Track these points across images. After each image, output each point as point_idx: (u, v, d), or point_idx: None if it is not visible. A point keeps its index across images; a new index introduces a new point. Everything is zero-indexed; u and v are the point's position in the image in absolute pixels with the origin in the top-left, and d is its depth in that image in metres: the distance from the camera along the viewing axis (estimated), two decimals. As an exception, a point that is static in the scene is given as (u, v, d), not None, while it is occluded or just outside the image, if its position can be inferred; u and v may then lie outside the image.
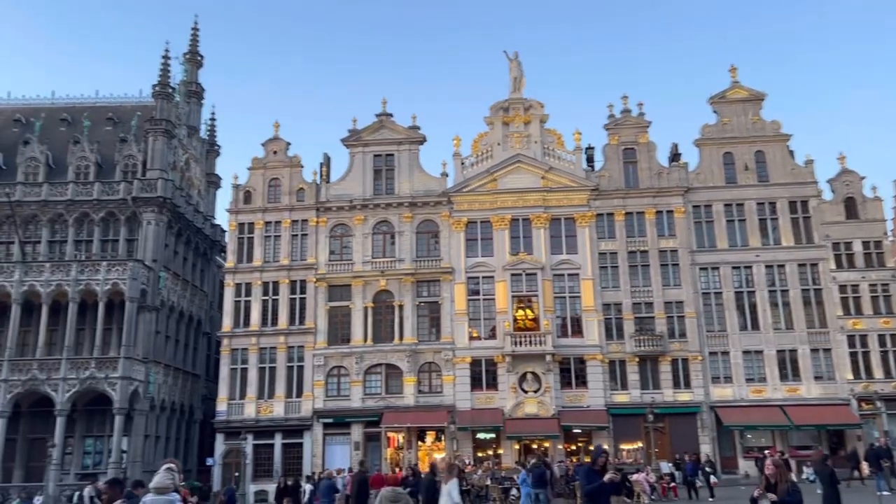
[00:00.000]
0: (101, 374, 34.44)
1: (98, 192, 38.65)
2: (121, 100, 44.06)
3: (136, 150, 39.95)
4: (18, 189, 38.50)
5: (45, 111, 43.22)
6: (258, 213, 39.19)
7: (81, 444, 36.20)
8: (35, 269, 36.00)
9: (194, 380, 43.20)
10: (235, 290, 38.41)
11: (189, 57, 46.16)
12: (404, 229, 38.35)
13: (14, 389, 34.20)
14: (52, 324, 35.99)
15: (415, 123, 40.19)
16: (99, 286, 35.52)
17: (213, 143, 49.54)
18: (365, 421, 35.91)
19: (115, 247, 38.67)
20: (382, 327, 37.36)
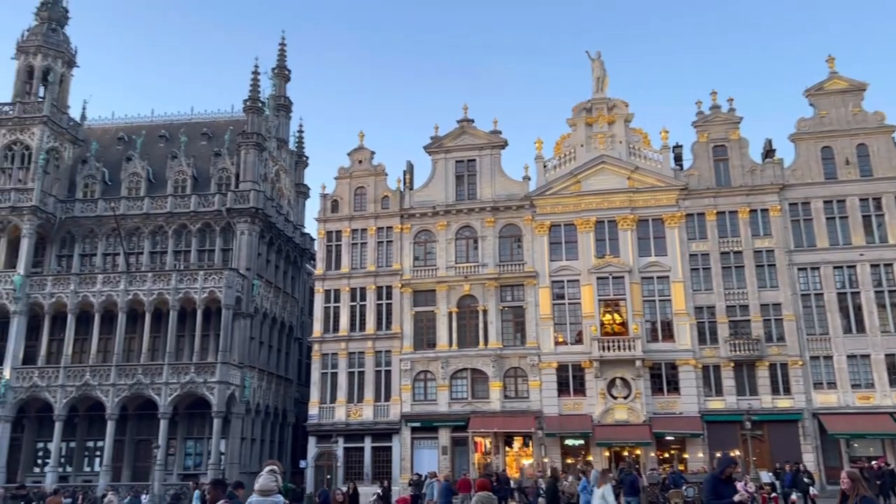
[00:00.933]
0: (199, 378, 35.99)
1: (195, 204, 40.48)
2: (214, 115, 46.04)
3: (230, 163, 41.62)
4: (122, 203, 40.79)
5: (146, 128, 45.66)
6: (345, 221, 40.07)
7: (183, 445, 37.91)
8: (138, 279, 38.03)
9: (287, 384, 44.54)
10: (325, 296, 39.37)
11: (277, 72, 47.79)
12: (487, 234, 38.34)
13: (121, 393, 36.20)
14: (154, 331, 37.92)
15: (496, 128, 40.17)
16: (197, 294, 37.17)
17: (302, 154, 51.05)
18: (452, 425, 36.03)
19: (212, 256, 40.39)
20: (467, 332, 37.44)
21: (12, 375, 36.81)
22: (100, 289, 37.89)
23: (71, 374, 36.88)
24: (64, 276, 38.77)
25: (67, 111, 43.06)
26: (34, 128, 40.50)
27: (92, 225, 41.01)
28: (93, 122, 46.23)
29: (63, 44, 43.40)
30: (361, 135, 41.61)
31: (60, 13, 44.05)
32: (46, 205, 39.78)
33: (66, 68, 43.44)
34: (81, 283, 38.23)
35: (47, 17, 43.30)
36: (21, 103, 40.97)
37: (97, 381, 36.49)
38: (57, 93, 42.22)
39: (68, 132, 42.55)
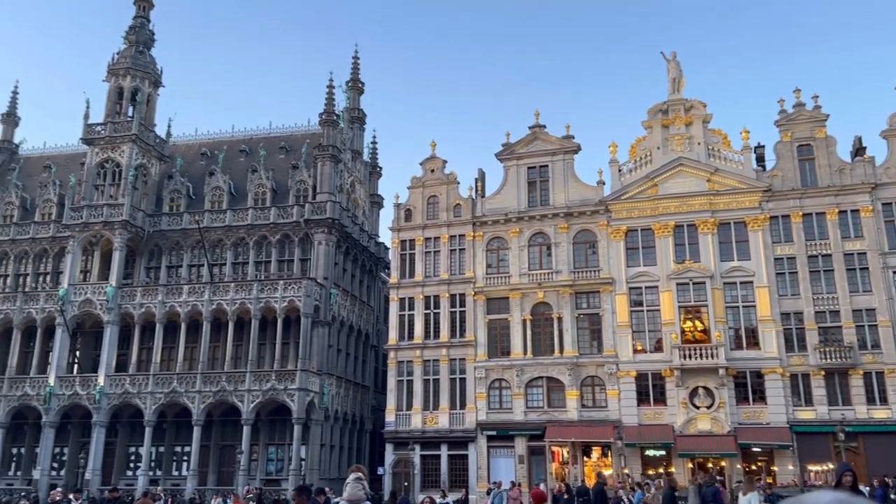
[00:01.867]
0: (280, 385, 36.89)
1: (274, 215, 41.64)
2: (291, 129, 47.28)
3: (307, 175, 42.64)
4: (206, 216, 42.33)
5: (227, 144, 47.31)
6: (418, 229, 40.38)
7: (265, 451, 38.91)
8: (222, 289, 39.35)
9: (364, 391, 45.15)
10: (399, 304, 39.74)
11: (351, 85, 48.72)
12: (560, 240, 37.90)
13: (206, 400, 37.47)
14: (237, 339, 39.13)
15: (568, 133, 39.72)
16: (277, 303, 38.17)
17: (375, 164, 51.82)
18: (528, 434, 35.69)
19: (291, 266, 41.41)
20: (542, 340, 37.05)
21: (106, 382, 38.65)
22: (185, 299, 39.41)
23: (159, 382, 38.44)
24: (152, 287, 40.51)
25: (154, 129, 45.07)
26: (124, 146, 42.56)
27: (178, 237, 42.72)
28: (177, 138, 48.23)
29: (150, 65, 45.49)
30: (433, 144, 41.93)
31: (147, 36, 46.21)
32: (136, 219, 41.70)
33: (152, 88, 45.50)
34: (168, 293, 39.84)
35: (135, 40, 45.49)
36: (112, 123, 43.12)
37: (184, 387, 37.91)
38: (144, 112, 44.26)
39: (155, 149, 44.52)
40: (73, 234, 41.52)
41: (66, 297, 40.14)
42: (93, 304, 40.07)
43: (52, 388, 38.81)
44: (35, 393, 39.21)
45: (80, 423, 39.81)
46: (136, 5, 46.84)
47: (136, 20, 46.28)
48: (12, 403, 39.46)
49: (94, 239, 41.65)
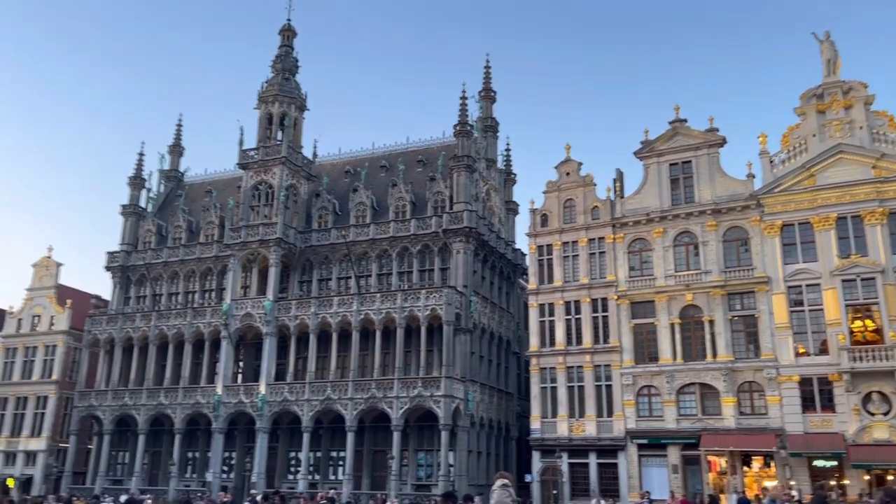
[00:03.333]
0: (426, 392, 37.67)
1: (414, 227, 42.75)
2: (427, 143, 48.42)
3: (443, 186, 43.45)
4: (351, 231, 44.19)
5: (368, 160, 49.22)
6: (555, 234, 39.91)
7: (415, 457, 39.84)
8: (368, 299, 40.87)
9: (508, 398, 45.16)
10: (539, 310, 39.40)
11: (483, 94, 49.15)
12: (708, 239, 36.08)
13: (358, 406, 38.97)
14: (384, 347, 40.45)
15: (712, 126, 37.81)
16: (420, 312, 39.09)
17: (510, 171, 51.91)
18: (681, 443, 34.14)
19: (432, 275, 42.31)
20: (692, 344, 35.39)
21: (267, 391, 41.20)
22: (336, 310, 41.28)
23: (315, 389, 40.44)
24: (305, 300, 42.78)
25: (301, 151, 47.71)
26: (275, 168, 45.37)
27: (327, 252, 44.89)
28: (323, 158, 50.76)
29: (295, 91, 48.27)
30: (568, 147, 41.33)
31: (291, 63, 49.10)
32: (288, 236, 44.27)
33: (298, 112, 48.23)
34: (320, 305, 41.91)
35: (281, 68, 48.46)
36: (263, 147, 46.13)
37: (337, 395, 39.65)
38: (292, 135, 46.98)
39: (303, 169, 47.10)
40: (234, 253, 44.74)
41: (229, 311, 43.31)
42: (253, 318, 42.94)
43: (219, 397, 41.95)
44: (205, 401, 42.54)
45: (246, 429, 42.67)
46: (281, 35, 49.93)
47: (282, 49, 49.33)
48: (187, 411, 43.02)
49: (252, 256, 44.64)
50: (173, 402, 43.49)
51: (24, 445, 49.05)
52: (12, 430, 49.79)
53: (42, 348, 50.97)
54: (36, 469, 48.36)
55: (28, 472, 48.39)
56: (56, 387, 49.62)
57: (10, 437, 49.62)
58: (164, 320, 45.47)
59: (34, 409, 49.78)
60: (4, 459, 49.32)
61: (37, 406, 49.82)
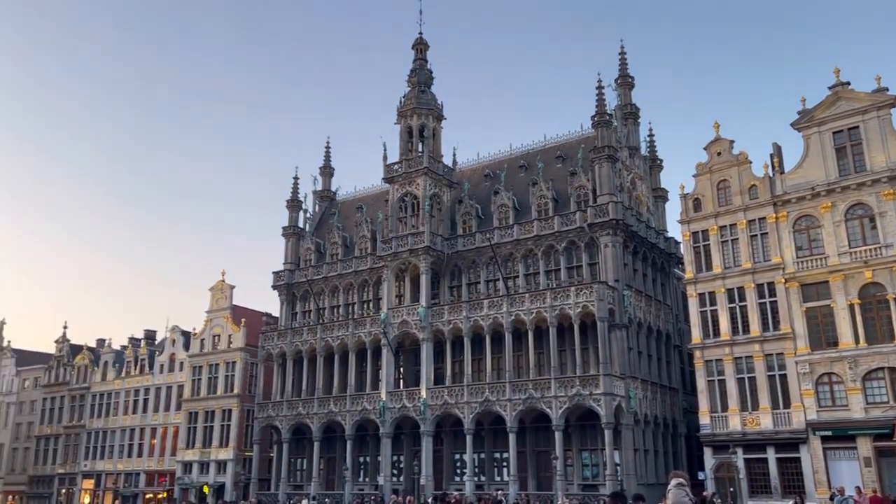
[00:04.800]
0: (585, 391, 37.02)
1: (558, 224, 42.24)
2: (565, 137, 47.74)
3: (585, 179, 42.62)
4: (495, 233, 44.42)
5: (507, 162, 49.31)
6: (710, 219, 37.93)
7: (579, 457, 39.26)
8: (518, 300, 40.85)
9: (672, 393, 43.44)
10: (699, 300, 37.58)
11: (620, 81, 47.75)
12: (886, 209, 32.81)
13: (517, 407, 39.00)
14: (537, 347, 40.22)
15: (880, 86, 34.39)
16: (571, 310, 38.53)
17: (655, 158, 50.03)
18: (872, 434, 31.21)
19: (580, 272, 41.58)
20: (876, 326, 32.30)
21: (427, 395, 42.28)
22: (486, 312, 41.63)
23: (473, 391, 40.96)
24: (457, 305, 43.50)
25: (441, 160, 48.66)
26: (418, 179, 46.58)
27: (473, 256, 45.42)
28: (463, 165, 51.47)
29: (431, 102, 49.35)
30: (717, 125, 39.16)
31: (426, 76, 50.27)
32: (435, 244, 45.26)
33: (436, 123, 49.25)
34: (471, 309, 42.44)
35: (416, 81, 49.75)
36: (406, 160, 47.53)
37: (495, 396, 39.92)
38: (432, 146, 48.04)
39: (444, 178, 48.01)
40: (386, 264, 46.40)
41: (386, 320, 44.94)
42: (409, 325, 44.28)
43: (384, 403, 43.58)
44: (371, 407, 44.35)
45: (411, 433, 44.02)
46: (415, 49, 51.26)
47: (416, 63, 50.64)
48: (355, 417, 45.06)
49: (403, 266, 46.07)
50: (343, 410, 45.72)
51: (214, 455, 53.50)
52: (203, 442, 54.46)
53: (223, 365, 55.41)
54: (226, 477, 52.59)
55: (220, 479, 52.71)
56: (238, 400, 53.73)
57: (203, 448, 54.29)
58: (328, 332, 47.97)
59: (220, 421, 54.17)
60: (199, 468, 54.05)
61: (222, 419, 54.19)
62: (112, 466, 59.28)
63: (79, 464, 61.07)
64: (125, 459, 58.88)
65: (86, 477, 60.59)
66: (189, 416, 55.59)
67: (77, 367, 64.36)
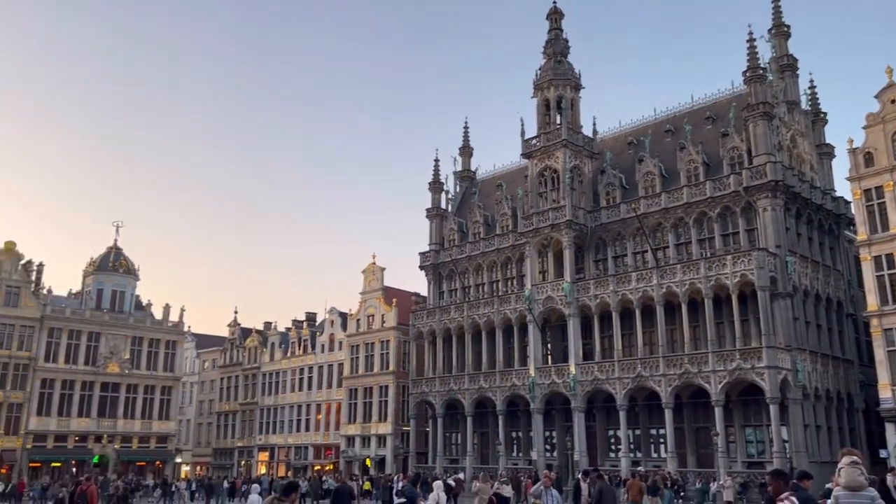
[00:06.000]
0: (746, 364, 34.98)
1: (710, 189, 39.93)
2: (714, 97, 44.92)
3: (738, 140, 39.94)
4: (641, 203, 42.74)
5: (651, 127, 47.21)
6: (884, 174, 34.38)
7: (742, 433, 37.25)
8: (668, 272, 39.19)
9: (846, 365, 40.14)
10: (874, 263, 34.27)
11: (774, 31, 44.15)
12: None
13: (672, 382, 37.58)
14: (692, 320, 38.45)
15: None
16: (728, 279, 36.41)
17: (818, 111, 45.96)
18: None
19: (736, 239, 39.16)
20: None
21: (577, 371, 41.75)
22: (635, 286, 40.30)
23: (624, 367, 39.93)
24: (603, 279, 42.45)
25: (581, 130, 47.44)
26: (557, 152, 45.73)
27: (618, 228, 44.04)
28: (604, 134, 49.94)
29: (568, 72, 48.14)
30: (889, 70, 35.26)
31: (562, 46, 49.04)
32: (578, 217, 44.33)
33: (574, 93, 48.02)
34: (618, 282, 41.26)
35: (552, 52, 48.68)
36: (544, 134, 46.78)
37: (648, 372, 38.68)
38: (570, 117, 46.91)
39: (585, 149, 46.80)
40: (528, 240, 46.12)
41: (531, 296, 44.77)
42: (554, 301, 43.84)
43: (533, 379, 43.57)
44: (521, 383, 44.49)
45: (562, 409, 43.74)
46: (549, 20, 50.15)
47: (551, 33, 49.54)
48: (505, 393, 45.42)
49: (545, 241, 45.58)
50: (492, 386, 46.23)
51: (374, 430, 56.05)
52: (363, 417, 57.19)
53: (378, 343, 57.76)
54: (386, 450, 54.95)
55: (381, 452, 55.20)
56: (393, 377, 55.85)
57: (363, 423, 57.04)
58: (473, 310, 48.57)
59: (378, 397, 56.61)
60: (361, 442, 56.87)
61: (380, 395, 56.59)
62: (283, 440, 63.78)
63: (254, 437, 66.24)
64: (294, 434, 63.11)
65: (261, 450, 65.65)
66: (349, 393, 58.53)
67: (248, 349, 69.66)
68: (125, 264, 61.76)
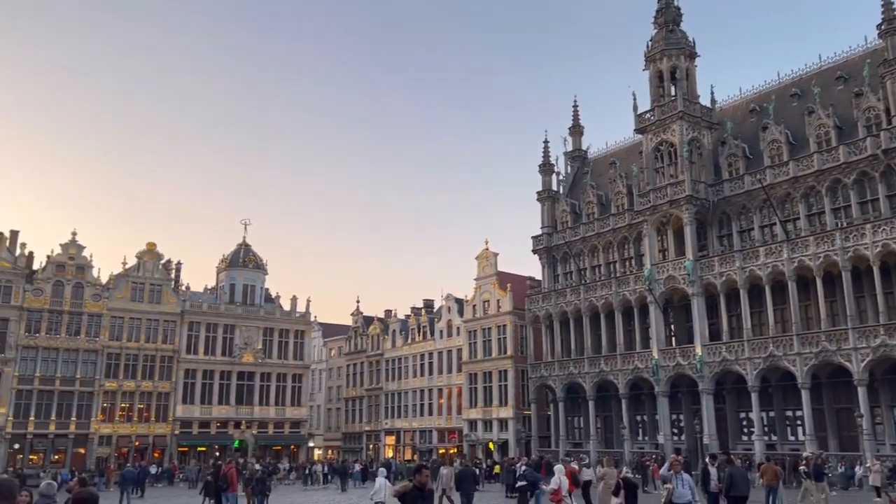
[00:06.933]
0: (892, 340, 32.59)
1: (844, 155, 37.18)
2: (845, 55, 41.71)
3: (875, 99, 36.94)
4: (767, 173, 40.40)
5: (774, 92, 44.44)
6: None
7: (890, 414, 34.67)
8: (800, 245, 36.94)
9: None
10: None
11: (911, -24, 40.32)
12: None
13: (809, 362, 35.50)
14: (828, 295, 36.13)
15: None
16: (868, 250, 33.93)
17: (966, 60, 41.59)
18: None
19: (876, 206, 36.28)
20: None
21: (703, 352, 40.21)
22: (763, 261, 38.26)
23: (754, 347, 38.08)
24: (728, 255, 40.56)
25: (698, 100, 45.35)
26: (673, 125, 43.97)
27: (743, 201, 41.88)
28: (723, 102, 47.51)
29: (681, 40, 46.06)
30: None
31: (673, 14, 46.94)
32: (698, 192, 42.51)
33: (688, 62, 45.93)
34: (745, 258, 39.31)
35: (663, 21, 46.73)
36: (658, 107, 45.07)
37: (781, 351, 36.71)
38: (686, 87, 44.93)
39: (703, 119, 44.72)
40: (646, 218, 44.73)
41: (651, 276, 43.48)
42: (675, 280, 42.36)
43: (656, 361, 42.40)
44: (644, 366, 43.42)
45: (689, 391, 42.31)
46: (658, -12, 48.15)
47: (661, 2, 47.51)
48: (628, 376, 44.48)
49: (664, 219, 44.05)
50: (614, 369, 45.39)
51: (495, 413, 56.43)
52: (484, 401, 57.71)
53: (494, 328, 57.99)
54: (509, 434, 55.21)
55: (503, 436, 55.53)
56: (511, 361, 55.94)
57: (484, 407, 57.57)
58: (591, 292, 47.77)
59: (498, 381, 56.89)
60: (483, 426, 57.44)
61: (499, 379, 56.85)
62: (408, 424, 65.47)
63: (380, 422, 68.39)
64: (418, 418, 64.64)
65: (387, 434, 67.70)
66: (469, 378, 59.21)
67: (371, 337, 71.87)
68: (254, 259, 65.21)
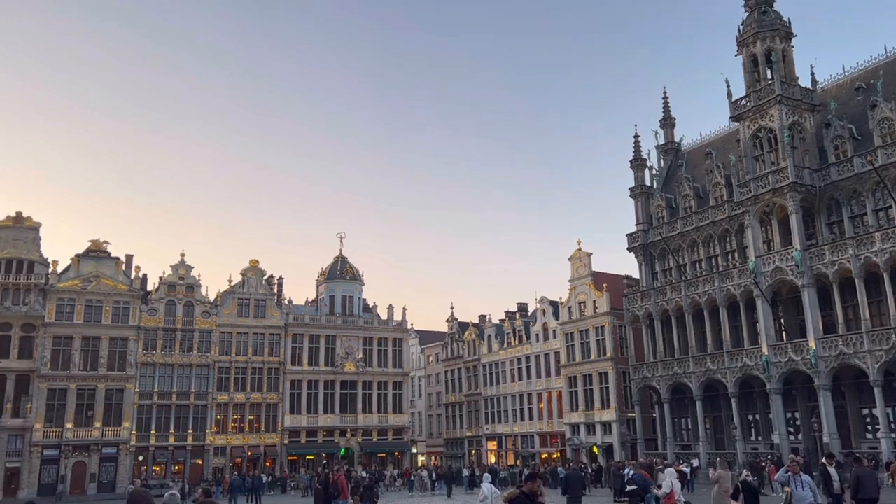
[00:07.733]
0: None
1: (966, 128, 34.40)
2: (961, 20, 38.63)
3: None
4: (879, 153, 37.92)
5: (882, 68, 41.74)
6: None
7: None
8: (921, 227, 34.39)
9: None
10: None
11: None
12: None
13: None
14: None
15: None
16: None
17: None
18: None
19: None
20: None
21: (818, 346, 38.05)
22: (880, 247, 35.92)
23: (875, 339, 35.77)
24: (840, 243, 38.29)
25: (797, 83, 43.10)
26: (771, 110, 41.94)
27: (853, 185, 39.45)
28: (825, 83, 44.98)
29: (775, 21, 43.90)
30: None
31: (766, -6, 44.91)
32: (802, 178, 40.36)
33: (784, 43, 43.75)
34: (859, 245, 37.02)
35: (754, 3, 44.74)
36: (754, 93, 43.09)
37: (905, 342, 34.30)
38: (782, 69, 42.79)
39: (804, 102, 42.47)
40: (747, 209, 42.84)
41: (756, 269, 41.57)
42: (783, 271, 40.34)
43: (766, 357, 40.45)
44: (753, 363, 41.51)
45: (803, 388, 40.16)
46: (746, -31, 46.17)
47: (751, -16, 45.58)
48: (736, 374, 42.63)
49: (767, 208, 42.07)
50: (721, 367, 43.64)
51: (598, 417, 55.36)
52: (585, 404, 56.73)
53: (592, 330, 56.95)
54: (613, 437, 54.05)
55: (607, 440, 54.41)
56: (611, 363, 54.75)
57: (586, 410, 56.58)
58: (692, 289, 46.16)
59: (598, 384, 55.82)
60: (586, 430, 56.47)
61: (600, 381, 55.76)
62: (509, 429, 65.21)
63: (481, 427, 68.43)
64: (519, 423, 64.27)
65: (489, 439, 67.66)
66: (569, 381, 58.36)
67: (467, 342, 72.12)
68: (350, 271, 66.78)
